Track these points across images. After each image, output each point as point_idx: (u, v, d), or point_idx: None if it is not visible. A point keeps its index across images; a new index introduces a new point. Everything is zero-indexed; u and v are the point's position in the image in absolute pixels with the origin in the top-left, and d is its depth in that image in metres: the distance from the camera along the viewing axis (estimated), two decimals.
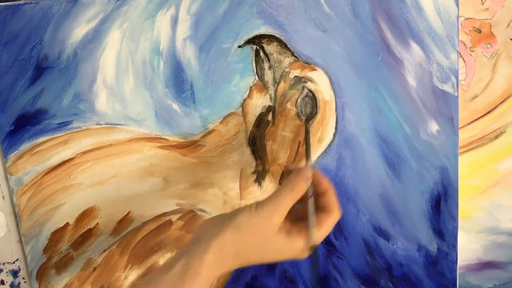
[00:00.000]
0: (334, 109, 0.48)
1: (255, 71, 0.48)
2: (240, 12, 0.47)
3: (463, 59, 0.48)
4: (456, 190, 0.48)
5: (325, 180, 0.39)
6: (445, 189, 0.49)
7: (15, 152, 0.49)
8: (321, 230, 0.38)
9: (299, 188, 0.38)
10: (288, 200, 0.37)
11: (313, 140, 0.48)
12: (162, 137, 0.49)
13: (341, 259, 0.50)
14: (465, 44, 0.48)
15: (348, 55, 0.47)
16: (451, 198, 0.49)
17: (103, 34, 0.48)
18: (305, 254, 0.37)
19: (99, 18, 0.48)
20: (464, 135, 0.49)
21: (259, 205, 0.37)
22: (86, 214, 0.50)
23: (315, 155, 0.49)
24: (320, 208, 0.39)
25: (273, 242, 0.37)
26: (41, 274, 0.51)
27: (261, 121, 0.49)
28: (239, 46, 0.48)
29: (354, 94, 0.48)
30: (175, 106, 0.49)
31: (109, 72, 0.48)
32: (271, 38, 0.47)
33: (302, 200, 0.38)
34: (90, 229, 0.50)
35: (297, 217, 0.39)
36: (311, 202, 0.38)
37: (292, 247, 0.37)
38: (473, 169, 0.50)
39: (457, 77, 0.47)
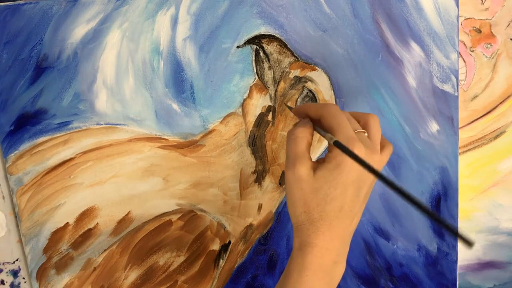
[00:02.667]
0: None
1: (255, 71, 0.48)
2: (240, 12, 0.47)
3: (463, 59, 0.48)
4: (456, 190, 0.48)
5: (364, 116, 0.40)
6: (445, 189, 0.49)
7: (15, 152, 0.49)
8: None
9: (299, 134, 0.38)
10: (296, 149, 0.37)
11: (313, 140, 0.48)
12: (162, 137, 0.49)
13: None
14: (465, 44, 0.48)
15: (348, 55, 0.47)
16: (451, 198, 0.49)
17: (103, 34, 0.48)
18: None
19: (99, 18, 0.48)
20: (464, 135, 0.49)
21: (286, 160, 0.38)
22: (86, 214, 0.50)
23: (314, 154, 0.49)
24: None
25: (317, 185, 0.36)
26: (41, 274, 0.51)
27: (261, 121, 0.49)
28: (238, 47, 0.48)
29: (354, 94, 0.48)
30: (175, 106, 0.49)
31: (109, 72, 0.48)
32: (271, 38, 0.47)
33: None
34: (90, 229, 0.50)
35: None
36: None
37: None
38: (473, 169, 0.50)
39: (457, 77, 0.47)
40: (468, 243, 0.25)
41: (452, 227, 0.27)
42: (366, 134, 0.38)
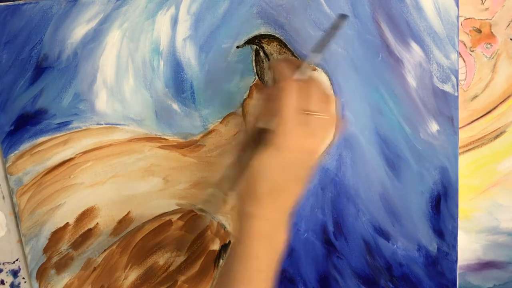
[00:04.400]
0: None
1: (255, 71, 0.48)
2: (240, 12, 0.47)
3: (463, 59, 0.48)
4: (456, 190, 0.48)
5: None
6: (445, 189, 0.49)
7: (15, 152, 0.49)
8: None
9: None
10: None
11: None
12: (162, 137, 0.49)
13: (341, 259, 0.50)
14: (465, 44, 0.48)
15: (348, 55, 0.47)
16: (451, 198, 0.49)
17: (103, 34, 0.48)
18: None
19: (99, 18, 0.48)
20: (464, 135, 0.49)
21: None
22: (86, 214, 0.50)
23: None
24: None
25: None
26: (41, 274, 0.51)
27: None
28: (238, 47, 0.48)
29: (354, 94, 0.48)
30: (175, 106, 0.49)
31: (109, 72, 0.48)
32: (271, 38, 0.47)
33: None
34: (90, 229, 0.50)
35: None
36: None
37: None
38: (473, 169, 0.50)
39: (457, 77, 0.47)
40: (342, 17, 0.27)
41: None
42: None
